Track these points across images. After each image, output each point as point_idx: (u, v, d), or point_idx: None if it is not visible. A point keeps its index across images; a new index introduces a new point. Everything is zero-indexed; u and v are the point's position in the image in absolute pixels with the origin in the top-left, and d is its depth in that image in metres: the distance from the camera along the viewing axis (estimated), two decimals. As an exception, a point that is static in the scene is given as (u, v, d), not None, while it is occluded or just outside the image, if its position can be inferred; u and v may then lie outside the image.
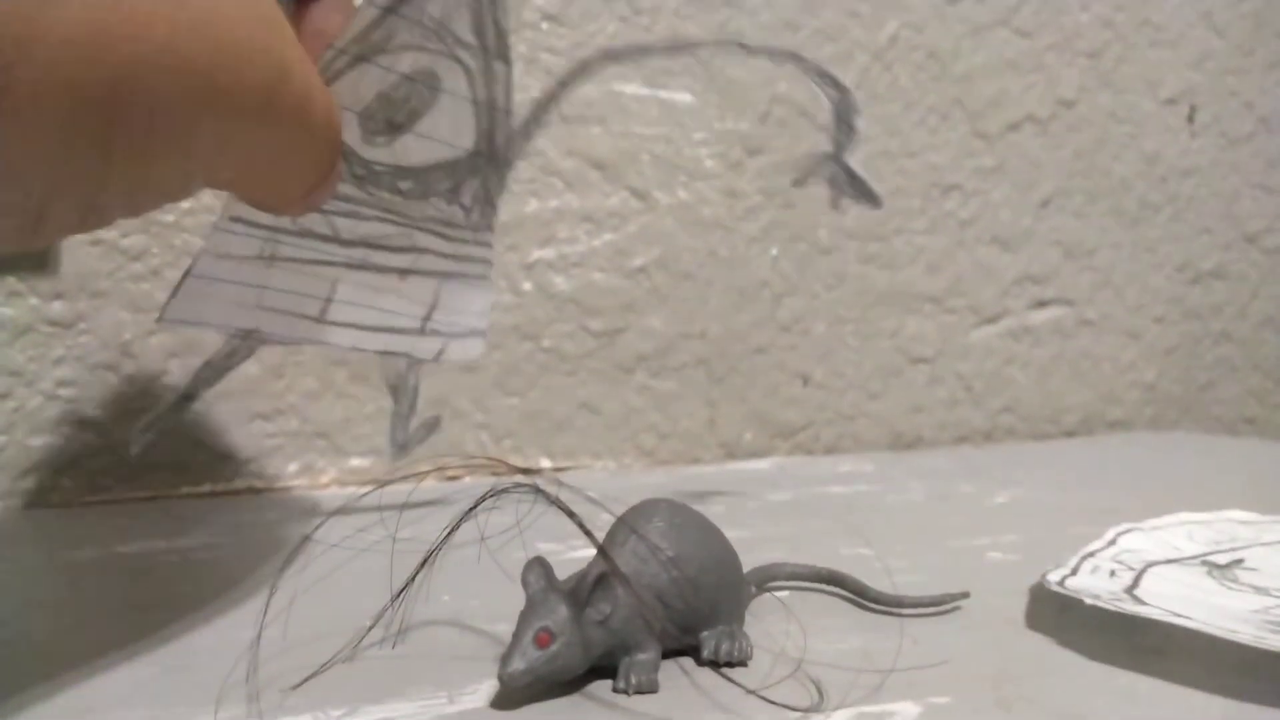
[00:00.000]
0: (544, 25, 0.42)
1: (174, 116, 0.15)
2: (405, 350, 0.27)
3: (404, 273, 0.25)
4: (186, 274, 0.22)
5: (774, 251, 0.48)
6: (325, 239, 0.24)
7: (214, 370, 0.26)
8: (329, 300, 0.24)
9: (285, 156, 0.19)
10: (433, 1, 0.21)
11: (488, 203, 0.26)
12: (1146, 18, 0.57)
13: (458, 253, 0.26)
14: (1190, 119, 0.60)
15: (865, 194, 0.28)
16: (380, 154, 0.23)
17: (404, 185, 0.24)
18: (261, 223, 0.22)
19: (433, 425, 0.32)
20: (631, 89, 0.44)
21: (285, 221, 0.23)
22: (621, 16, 0.44)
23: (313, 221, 0.23)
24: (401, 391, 0.29)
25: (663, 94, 0.45)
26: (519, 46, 0.42)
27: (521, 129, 0.26)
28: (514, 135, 0.26)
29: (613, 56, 0.27)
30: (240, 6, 0.16)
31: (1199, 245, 0.61)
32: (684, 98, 0.45)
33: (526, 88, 0.42)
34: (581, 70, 0.27)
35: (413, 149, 0.23)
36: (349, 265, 0.24)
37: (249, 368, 0.38)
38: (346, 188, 0.23)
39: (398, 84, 0.22)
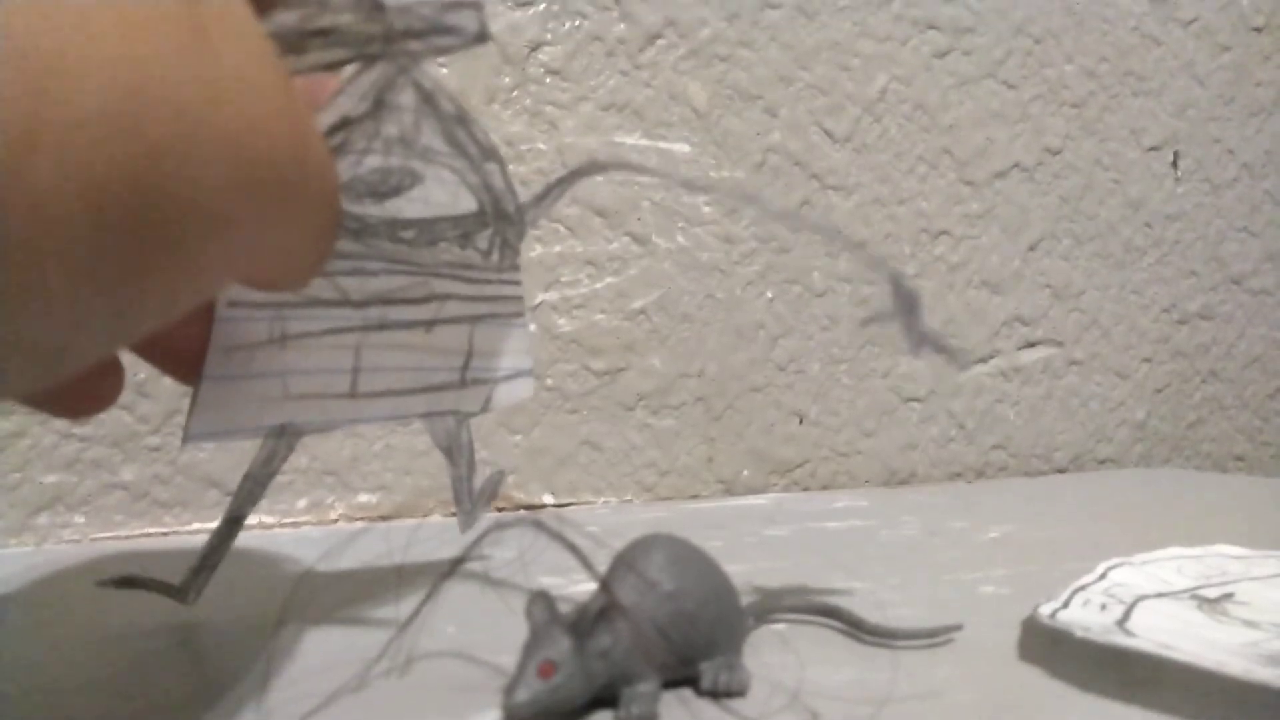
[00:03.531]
0: (547, 80, 0.44)
1: (212, 203, 0.12)
2: (450, 407, 0.24)
3: (430, 324, 0.23)
4: (199, 381, 0.20)
5: (769, 294, 0.49)
6: (335, 304, 0.21)
7: (256, 482, 0.22)
8: (357, 371, 0.22)
9: (307, 226, 0.16)
10: (387, 123, 0.19)
11: (507, 247, 0.24)
12: (1129, 68, 0.59)
13: (483, 294, 0.24)
14: (1174, 165, 0.61)
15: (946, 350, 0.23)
16: (372, 210, 0.21)
17: (406, 235, 0.21)
18: (263, 301, 0.21)
19: (498, 481, 0.29)
20: (632, 140, 0.45)
21: (288, 296, 0.21)
22: (622, 71, 0.45)
23: (317, 288, 0.21)
24: (456, 453, 0.26)
25: (662, 144, 0.46)
26: (523, 100, 0.44)
27: (531, 203, 0.24)
28: (524, 206, 0.24)
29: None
30: (243, 47, 0.12)
31: (1185, 287, 0.62)
32: (682, 148, 0.47)
33: (531, 140, 0.43)
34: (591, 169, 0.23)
35: (407, 206, 0.21)
36: (367, 328, 0.22)
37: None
38: (342, 243, 0.20)
39: (371, 172, 0.20)
